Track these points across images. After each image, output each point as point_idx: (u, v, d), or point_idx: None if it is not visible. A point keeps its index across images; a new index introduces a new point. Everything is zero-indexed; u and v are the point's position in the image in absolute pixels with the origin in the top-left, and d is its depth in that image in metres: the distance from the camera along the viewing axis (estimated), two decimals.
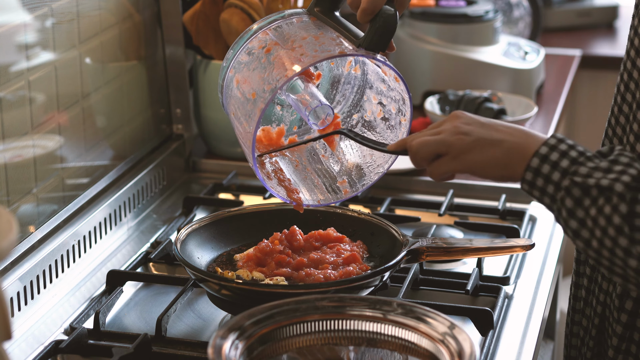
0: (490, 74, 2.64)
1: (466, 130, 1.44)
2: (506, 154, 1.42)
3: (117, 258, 1.92)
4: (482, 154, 1.43)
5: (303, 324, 1.40)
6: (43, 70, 1.76)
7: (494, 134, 1.43)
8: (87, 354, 1.59)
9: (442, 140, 1.44)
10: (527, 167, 1.39)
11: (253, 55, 1.59)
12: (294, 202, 1.65)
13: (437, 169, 1.46)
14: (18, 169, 1.71)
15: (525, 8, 3.12)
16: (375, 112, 1.69)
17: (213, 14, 2.24)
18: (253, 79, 1.57)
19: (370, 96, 1.69)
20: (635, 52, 1.54)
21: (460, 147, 1.43)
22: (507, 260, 1.88)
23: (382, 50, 1.57)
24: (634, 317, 1.54)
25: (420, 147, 1.46)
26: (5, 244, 1.13)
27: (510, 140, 1.42)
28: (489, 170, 1.43)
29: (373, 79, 1.68)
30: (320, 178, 1.71)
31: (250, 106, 1.55)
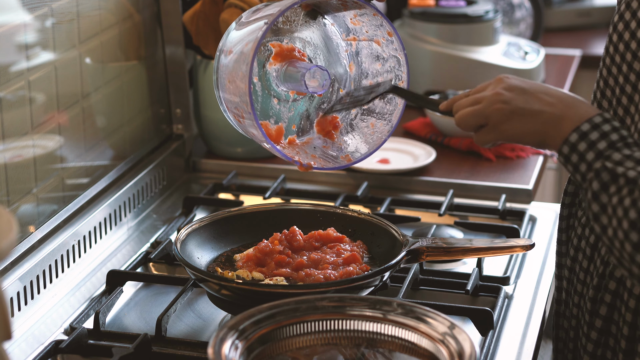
0: (490, 74, 2.64)
1: (506, 98, 1.47)
2: (543, 126, 1.44)
3: (117, 258, 1.92)
4: (519, 124, 1.45)
5: (303, 324, 1.40)
6: (43, 70, 1.76)
7: (534, 103, 1.45)
8: (87, 354, 1.59)
9: (481, 111, 1.48)
10: (565, 141, 1.40)
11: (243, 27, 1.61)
12: (297, 162, 1.63)
13: (480, 138, 1.50)
14: (18, 169, 1.71)
15: (527, 9, 3.12)
16: None
17: (213, 14, 2.24)
18: (242, 35, 1.59)
19: (367, 85, 1.69)
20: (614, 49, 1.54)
21: (499, 117, 1.46)
22: (507, 260, 1.88)
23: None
24: (608, 323, 1.54)
25: (461, 120, 1.50)
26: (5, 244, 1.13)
27: (549, 112, 1.44)
28: (527, 140, 1.46)
29: (367, 65, 1.69)
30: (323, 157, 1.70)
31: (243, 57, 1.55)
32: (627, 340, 1.50)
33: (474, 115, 1.49)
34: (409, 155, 2.31)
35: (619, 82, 1.52)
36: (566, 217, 1.65)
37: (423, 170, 2.25)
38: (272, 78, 1.67)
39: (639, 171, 1.34)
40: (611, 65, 1.54)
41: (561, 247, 1.66)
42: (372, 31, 1.67)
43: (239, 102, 1.58)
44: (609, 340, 1.54)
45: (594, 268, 1.56)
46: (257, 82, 1.66)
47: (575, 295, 1.60)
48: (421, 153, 2.31)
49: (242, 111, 1.59)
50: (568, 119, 1.42)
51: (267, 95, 1.68)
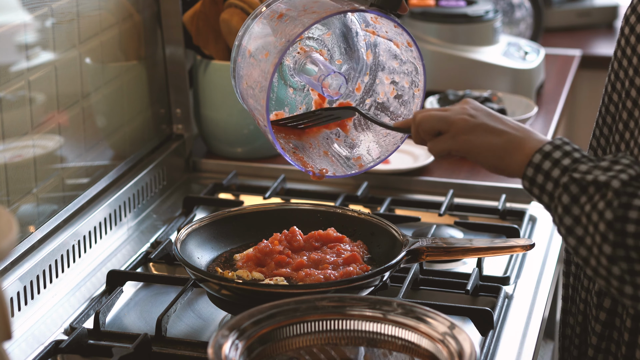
0: (490, 74, 2.64)
1: (472, 113, 1.47)
2: (504, 145, 1.44)
3: (117, 258, 1.92)
4: (481, 138, 1.45)
5: (303, 324, 1.40)
6: (43, 70, 1.76)
7: (499, 124, 1.46)
8: (87, 354, 1.59)
9: (446, 117, 1.48)
10: (529, 163, 1.40)
11: (264, 24, 1.61)
12: (310, 172, 1.64)
13: (435, 145, 1.49)
14: (18, 169, 1.71)
15: (527, 9, 3.12)
16: (388, 92, 1.70)
17: (213, 14, 2.24)
18: (266, 42, 1.59)
19: (383, 78, 1.70)
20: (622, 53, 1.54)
21: (462, 127, 1.46)
22: (507, 260, 1.88)
23: (395, 9, 1.59)
24: (612, 316, 1.54)
25: (423, 119, 1.50)
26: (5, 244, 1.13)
27: (512, 134, 1.44)
28: (485, 155, 1.45)
29: (385, 59, 1.70)
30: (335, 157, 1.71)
31: (264, 65, 1.57)
32: (630, 333, 1.50)
33: (438, 119, 1.48)
34: (409, 155, 2.31)
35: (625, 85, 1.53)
36: None
37: (423, 170, 2.25)
38: (288, 69, 1.68)
39: (609, 175, 1.34)
40: (619, 69, 1.54)
41: None
42: (391, 34, 1.67)
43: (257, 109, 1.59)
44: (612, 333, 1.55)
45: None
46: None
47: (582, 291, 1.61)
48: (421, 153, 2.31)
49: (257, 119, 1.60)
50: (529, 142, 1.43)
51: (283, 85, 1.70)
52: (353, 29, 1.71)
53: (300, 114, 1.71)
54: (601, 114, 1.61)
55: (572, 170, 1.37)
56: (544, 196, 1.40)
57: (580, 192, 1.35)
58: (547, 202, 1.40)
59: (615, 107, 1.56)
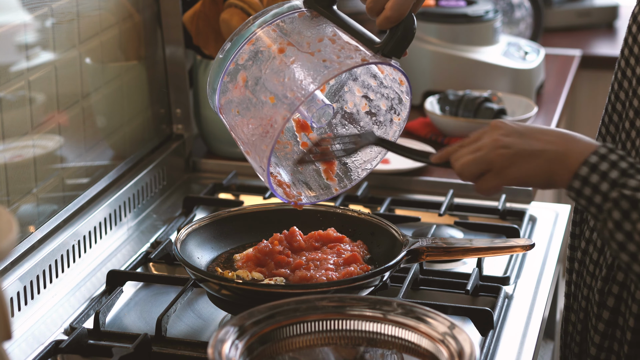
0: (490, 74, 2.64)
1: (506, 143, 1.43)
2: (548, 164, 1.41)
3: (117, 258, 1.92)
4: (524, 166, 1.42)
5: (303, 324, 1.40)
6: (43, 70, 1.76)
7: (534, 144, 1.43)
8: (87, 354, 1.59)
9: (483, 158, 1.44)
10: (575, 175, 1.39)
11: (263, 53, 1.57)
12: (292, 202, 1.65)
13: (483, 185, 1.46)
14: (18, 169, 1.71)
15: (527, 9, 3.12)
16: (358, 105, 1.68)
17: (213, 14, 2.24)
18: (268, 80, 1.55)
19: (354, 88, 1.68)
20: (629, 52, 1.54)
21: (502, 162, 1.43)
22: (507, 260, 1.88)
23: (400, 56, 1.57)
24: (615, 315, 1.54)
25: (463, 168, 1.46)
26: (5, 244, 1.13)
27: (551, 150, 1.42)
28: (533, 181, 1.43)
29: (359, 71, 1.66)
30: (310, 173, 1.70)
31: (268, 110, 1.53)
32: (633, 332, 1.50)
33: (476, 163, 1.45)
34: None
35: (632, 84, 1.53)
36: (580, 211, 1.65)
37: (423, 170, 2.25)
38: None
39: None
40: (626, 67, 1.54)
41: (574, 240, 1.66)
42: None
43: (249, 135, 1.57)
44: (615, 332, 1.55)
45: (603, 260, 1.56)
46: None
47: (585, 288, 1.61)
48: None
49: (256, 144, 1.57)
50: (572, 154, 1.40)
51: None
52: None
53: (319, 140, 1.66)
54: (607, 112, 1.60)
55: (621, 186, 1.36)
56: (592, 207, 1.39)
57: (631, 208, 1.35)
58: (594, 212, 1.39)
59: (622, 105, 1.56)
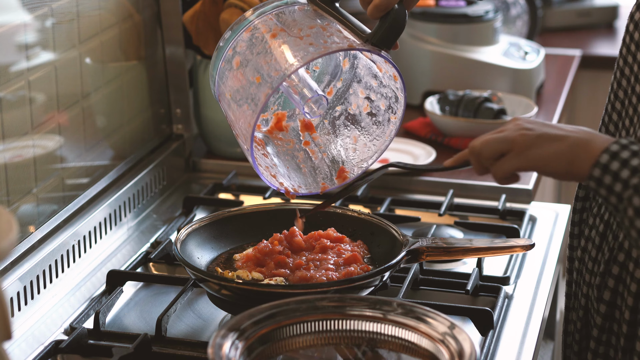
0: (490, 74, 2.64)
1: (529, 127, 1.43)
2: (571, 149, 1.40)
3: (117, 258, 1.92)
4: (547, 148, 1.41)
5: (303, 324, 1.40)
6: (43, 70, 1.76)
7: (557, 130, 1.42)
8: (87, 354, 1.59)
9: (505, 137, 1.44)
10: (596, 163, 1.38)
11: (257, 38, 1.59)
12: (282, 189, 1.65)
13: (501, 167, 1.44)
14: (18, 169, 1.71)
15: (522, 6, 3.12)
16: (361, 106, 1.69)
17: (213, 14, 2.24)
18: (257, 62, 1.57)
19: (357, 90, 1.69)
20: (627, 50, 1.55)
21: (524, 142, 1.42)
22: (507, 260, 1.88)
23: (389, 48, 1.57)
24: (612, 308, 1.55)
25: (483, 146, 1.45)
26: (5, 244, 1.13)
27: (575, 136, 1.41)
28: (554, 165, 1.41)
29: (363, 73, 1.68)
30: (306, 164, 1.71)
31: (253, 89, 1.55)
32: (629, 325, 1.50)
33: (498, 141, 1.44)
34: (409, 155, 2.31)
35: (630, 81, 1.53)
36: (579, 211, 1.65)
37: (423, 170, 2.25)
38: None
39: None
40: (624, 66, 1.55)
41: (573, 240, 1.66)
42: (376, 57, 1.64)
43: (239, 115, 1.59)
44: (612, 325, 1.55)
45: (601, 256, 1.56)
46: None
47: (584, 286, 1.61)
48: (421, 153, 2.31)
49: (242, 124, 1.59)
50: (594, 142, 1.40)
51: None
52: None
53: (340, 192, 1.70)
54: (607, 111, 1.61)
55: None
56: (612, 197, 1.38)
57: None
58: (614, 202, 1.38)
59: (622, 103, 1.56)
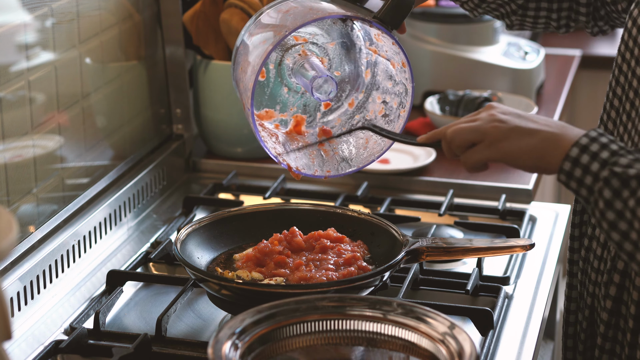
0: (490, 74, 2.64)
1: (503, 118, 1.44)
2: (542, 143, 1.41)
3: (117, 258, 1.92)
4: (518, 142, 1.42)
5: (303, 324, 1.40)
6: (43, 70, 1.76)
7: (531, 124, 1.43)
8: (87, 354, 1.59)
9: (478, 127, 1.45)
10: (566, 157, 1.38)
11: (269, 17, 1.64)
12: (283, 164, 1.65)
13: (471, 157, 1.46)
14: (18, 169, 1.71)
15: None
16: (377, 110, 1.70)
17: (213, 14, 2.24)
18: (267, 32, 1.61)
19: (375, 97, 1.71)
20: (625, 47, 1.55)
21: (496, 134, 1.43)
22: (507, 260, 1.88)
23: (396, 27, 1.60)
24: (618, 304, 1.55)
25: (455, 134, 1.46)
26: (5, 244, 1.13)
27: (547, 131, 1.42)
28: (524, 159, 1.42)
29: (381, 79, 1.70)
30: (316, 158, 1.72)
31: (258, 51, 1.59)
32: (635, 320, 1.51)
33: (471, 131, 1.45)
34: (409, 155, 2.31)
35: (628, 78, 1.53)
36: (580, 212, 1.65)
37: (423, 170, 2.25)
38: (286, 68, 1.69)
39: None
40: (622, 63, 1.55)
41: (573, 242, 1.66)
42: (390, 53, 1.68)
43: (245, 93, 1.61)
44: (619, 321, 1.55)
45: (607, 254, 1.57)
46: (272, 68, 1.70)
47: (590, 285, 1.61)
48: (421, 153, 2.31)
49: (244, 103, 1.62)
50: (565, 137, 1.40)
51: (279, 82, 1.70)
52: (357, 45, 1.72)
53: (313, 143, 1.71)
54: (605, 110, 1.61)
55: (612, 164, 1.36)
56: (582, 190, 1.38)
57: (622, 186, 1.34)
58: (585, 195, 1.38)
59: (619, 100, 1.57)
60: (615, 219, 1.35)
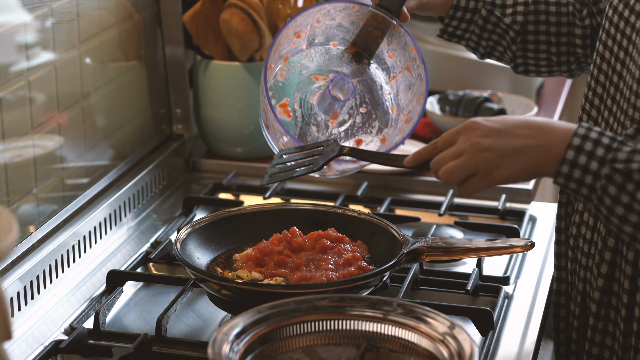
0: (490, 74, 2.64)
1: (487, 145, 1.42)
2: (534, 159, 1.41)
3: (117, 258, 1.92)
4: (510, 166, 1.42)
5: (303, 324, 1.40)
6: (43, 70, 1.76)
7: (515, 141, 1.42)
8: (87, 354, 1.59)
9: (466, 163, 1.43)
10: (563, 160, 1.38)
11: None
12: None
13: (469, 189, 1.45)
14: (18, 169, 1.71)
15: None
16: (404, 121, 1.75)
17: (213, 14, 2.24)
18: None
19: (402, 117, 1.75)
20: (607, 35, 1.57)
21: (487, 165, 1.42)
22: (507, 260, 1.88)
23: (397, 11, 1.69)
24: (610, 281, 1.56)
25: (448, 176, 1.45)
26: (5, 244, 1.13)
27: (533, 144, 1.41)
28: (520, 177, 1.43)
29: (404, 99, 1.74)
30: None
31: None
32: (629, 294, 1.52)
33: (462, 168, 1.43)
34: None
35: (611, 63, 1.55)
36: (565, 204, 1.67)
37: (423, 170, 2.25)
38: (312, 107, 1.73)
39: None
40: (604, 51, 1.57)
41: (560, 235, 1.68)
42: (402, 58, 1.71)
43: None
44: (611, 299, 1.57)
45: (597, 236, 1.58)
46: (297, 108, 1.71)
47: (581, 270, 1.62)
48: None
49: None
50: (555, 144, 1.40)
51: (306, 123, 1.71)
52: (377, 82, 1.74)
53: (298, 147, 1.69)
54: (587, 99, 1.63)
55: (611, 161, 1.36)
56: (583, 189, 1.39)
57: (625, 181, 1.35)
58: (586, 194, 1.39)
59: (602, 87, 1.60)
60: (625, 212, 1.36)
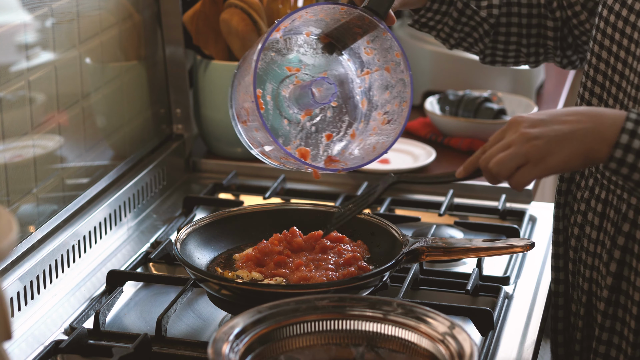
0: (490, 74, 2.64)
1: (535, 134, 1.40)
2: (584, 143, 1.39)
3: (117, 258, 1.92)
4: (561, 152, 1.39)
5: (303, 324, 1.40)
6: (43, 70, 1.76)
7: (563, 127, 1.40)
8: (87, 354, 1.59)
9: (517, 152, 1.41)
10: (616, 144, 1.37)
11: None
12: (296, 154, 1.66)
13: (521, 180, 1.42)
14: (18, 169, 1.71)
15: None
16: (379, 124, 1.70)
17: (213, 14, 2.24)
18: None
19: (376, 115, 1.71)
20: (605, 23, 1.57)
21: (538, 153, 1.40)
22: (507, 260, 1.88)
23: (383, 13, 1.63)
24: (619, 280, 1.56)
25: (499, 167, 1.42)
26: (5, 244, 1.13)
27: (582, 128, 1.39)
28: (572, 163, 1.41)
29: (378, 97, 1.71)
30: None
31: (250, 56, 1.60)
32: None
33: (512, 158, 1.41)
34: (409, 155, 2.31)
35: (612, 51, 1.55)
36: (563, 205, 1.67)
37: (423, 170, 2.25)
38: (284, 100, 1.69)
39: None
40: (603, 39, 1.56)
41: (558, 235, 1.68)
42: (382, 58, 1.68)
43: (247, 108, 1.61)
44: (619, 297, 1.57)
45: (604, 235, 1.58)
46: (270, 100, 1.68)
47: (587, 270, 1.62)
48: (421, 153, 2.31)
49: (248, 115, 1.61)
50: (605, 127, 1.39)
51: (278, 115, 1.69)
52: (349, 76, 1.72)
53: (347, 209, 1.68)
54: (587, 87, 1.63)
55: None
56: (635, 174, 1.38)
57: None
58: (637, 179, 1.38)
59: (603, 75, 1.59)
60: None
